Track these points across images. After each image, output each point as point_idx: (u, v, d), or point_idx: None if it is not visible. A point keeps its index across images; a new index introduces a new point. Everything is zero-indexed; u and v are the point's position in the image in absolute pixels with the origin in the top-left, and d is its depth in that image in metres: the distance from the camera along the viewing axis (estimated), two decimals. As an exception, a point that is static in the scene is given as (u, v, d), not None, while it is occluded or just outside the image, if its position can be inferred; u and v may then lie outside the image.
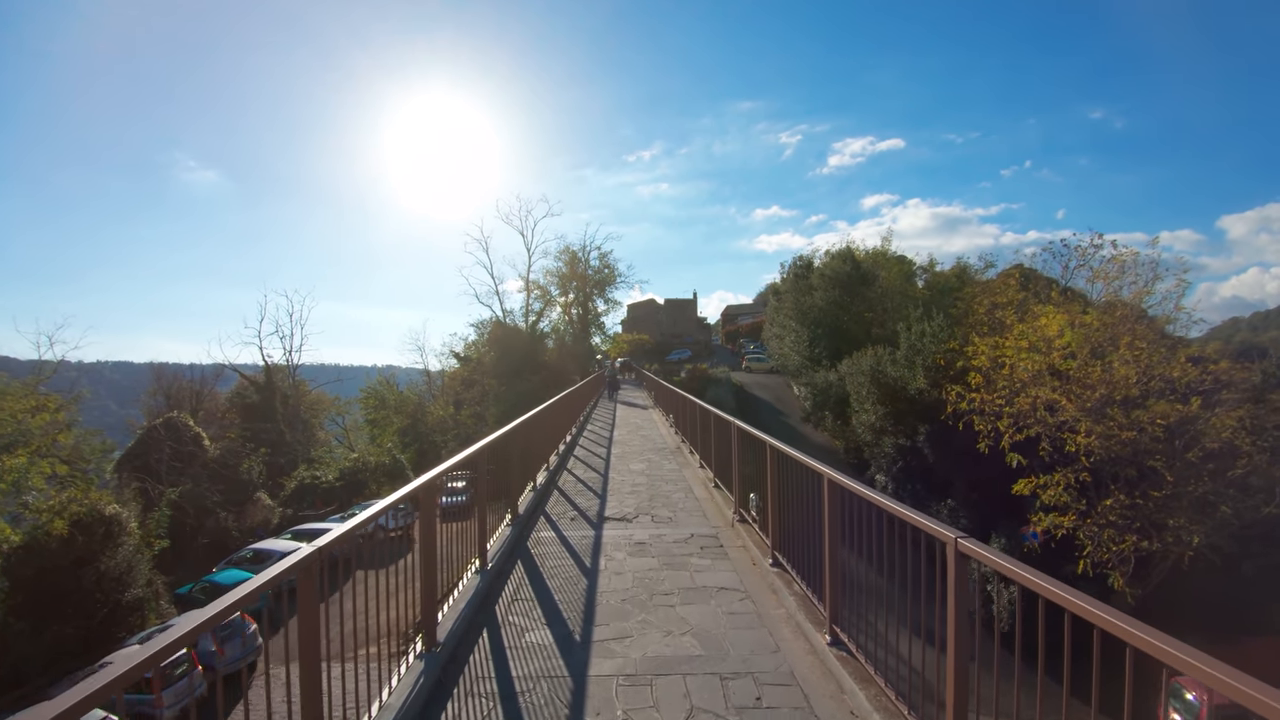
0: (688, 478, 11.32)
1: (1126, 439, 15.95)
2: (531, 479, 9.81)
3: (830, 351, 34.88)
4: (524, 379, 51.13)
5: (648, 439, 16.76)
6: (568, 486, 10.67)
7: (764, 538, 6.71)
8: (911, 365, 23.59)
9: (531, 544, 7.44)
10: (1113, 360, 16.14)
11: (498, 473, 7.64)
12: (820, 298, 35.53)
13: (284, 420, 50.00)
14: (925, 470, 24.16)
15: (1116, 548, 15.26)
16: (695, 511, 8.89)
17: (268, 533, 34.91)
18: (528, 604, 5.68)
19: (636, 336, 75.30)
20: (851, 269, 36.43)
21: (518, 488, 8.50)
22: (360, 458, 43.84)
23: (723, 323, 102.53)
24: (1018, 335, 17.36)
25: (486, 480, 6.36)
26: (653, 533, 7.82)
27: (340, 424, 66.81)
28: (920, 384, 22.85)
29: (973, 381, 18.52)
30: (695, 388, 45.10)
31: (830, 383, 30.63)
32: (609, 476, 11.54)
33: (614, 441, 16.36)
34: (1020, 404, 16.12)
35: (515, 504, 8.02)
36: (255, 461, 40.24)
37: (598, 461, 13.27)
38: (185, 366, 56.94)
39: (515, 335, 56.10)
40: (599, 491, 10.22)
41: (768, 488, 6.40)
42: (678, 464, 12.85)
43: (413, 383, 64.30)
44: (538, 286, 61.14)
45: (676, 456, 13.78)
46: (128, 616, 24.00)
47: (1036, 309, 18.94)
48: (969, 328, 24.17)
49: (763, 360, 60.29)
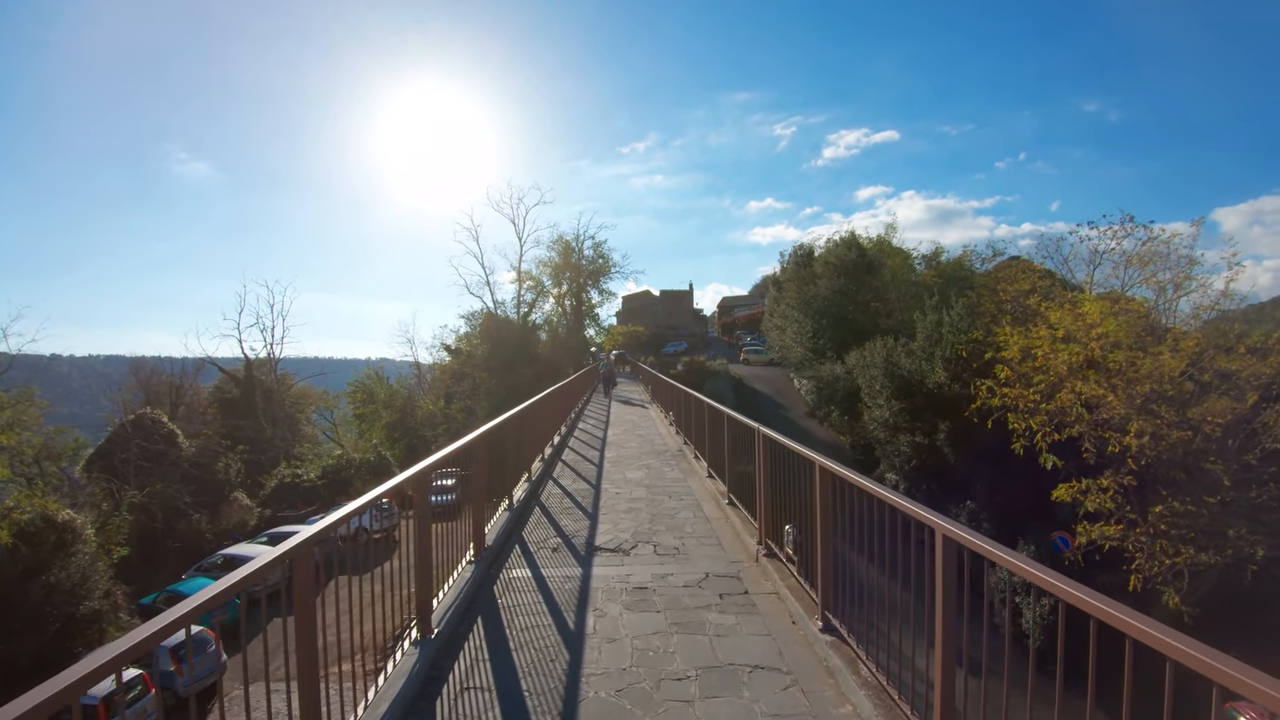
0: (694, 490, 9.61)
1: (1177, 439, 14.33)
2: (507, 495, 8.08)
3: (835, 343, 33.19)
4: (516, 372, 49.44)
5: (646, 440, 15.05)
6: (552, 502, 8.95)
7: (809, 590, 5.00)
8: (929, 357, 21.95)
9: (499, 589, 5.72)
10: (1163, 351, 14.49)
11: (460, 498, 5.94)
12: (824, 286, 33.76)
13: (265, 416, 48.16)
14: (941, 470, 22.54)
15: (1170, 560, 13.65)
16: (707, 538, 7.19)
17: (244, 535, 33.18)
18: (482, 701, 3.96)
19: (631, 328, 73.50)
20: (857, 256, 34.70)
21: (487, 513, 6.78)
22: (344, 455, 42.04)
23: (719, 315, 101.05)
24: (1054, 322, 15.69)
25: (426, 518, 4.62)
26: (656, 571, 6.11)
27: (329, 418, 65.11)
28: (939, 377, 21.21)
29: (1001, 375, 16.86)
30: (693, 381, 43.35)
31: (837, 376, 28.94)
32: (601, 488, 9.82)
33: (608, 443, 14.64)
34: (1062, 399, 14.45)
35: (481, 534, 6.30)
36: (233, 460, 38.43)
37: (589, 468, 11.55)
38: (165, 360, 55.05)
39: (507, 327, 54.30)
40: (589, 509, 8.50)
41: (815, 525, 4.70)
42: (681, 471, 11.14)
43: (403, 376, 62.57)
44: (530, 277, 59.32)
45: (679, 462, 12.08)
46: (85, 630, 22.29)
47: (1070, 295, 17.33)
48: (989, 317, 22.54)
49: (761, 352, 58.72)
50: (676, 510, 8.37)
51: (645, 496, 9.14)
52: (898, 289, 34.83)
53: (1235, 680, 1.60)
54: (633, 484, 10.06)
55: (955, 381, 20.65)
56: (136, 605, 24.50)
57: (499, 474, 7.88)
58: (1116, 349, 14.94)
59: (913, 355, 22.98)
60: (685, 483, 10.14)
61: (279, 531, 28.44)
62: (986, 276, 25.27)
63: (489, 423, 7.27)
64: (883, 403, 23.08)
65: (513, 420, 8.28)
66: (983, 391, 15.98)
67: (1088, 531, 14.14)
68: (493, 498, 7.53)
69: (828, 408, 29.35)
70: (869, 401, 24.17)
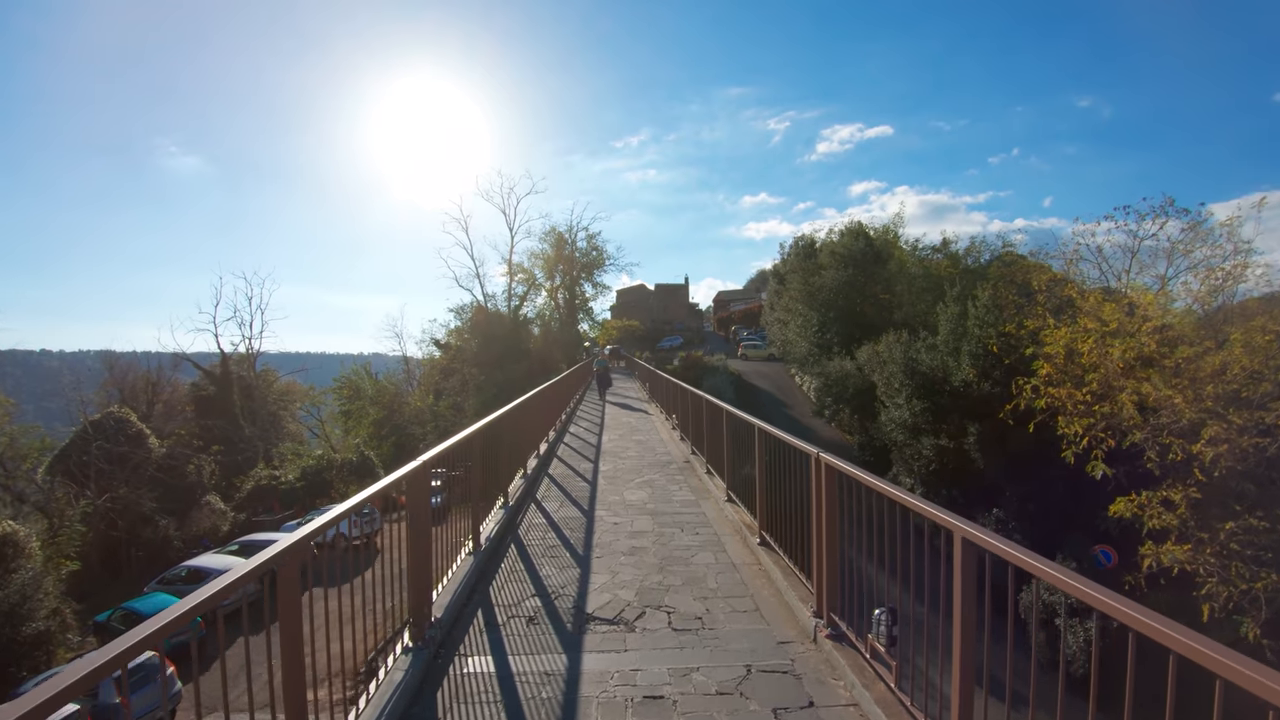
0: (711, 519, 7.74)
1: (1248, 446, 12.57)
2: (471, 535, 6.19)
3: (842, 337, 31.38)
4: (506, 368, 47.59)
5: (646, 447, 13.19)
6: (533, 538, 7.08)
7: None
8: (955, 353, 20.16)
9: (445, 703, 3.84)
10: (1234, 346, 12.71)
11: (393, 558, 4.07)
12: (831, 277, 31.85)
13: (245, 414, 46.09)
14: (962, 475, 20.74)
15: (1247, 585, 11.89)
16: (738, 597, 5.32)
17: (215, 542, 31.20)
18: None
19: (626, 323, 71.78)
20: (865, 245, 32.87)
21: (442, 563, 4.92)
22: (325, 455, 40.04)
23: (714, 309, 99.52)
24: (1107, 313, 13.89)
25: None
26: (674, 661, 4.25)
27: (317, 415, 63.18)
28: (966, 375, 19.42)
29: (1041, 372, 15.06)
30: (691, 377, 41.49)
31: (847, 372, 27.10)
32: (595, 516, 7.94)
33: (603, 452, 12.76)
34: (1123, 401, 12.63)
35: (425, 602, 4.40)
36: (206, 461, 36.38)
37: (580, 487, 9.66)
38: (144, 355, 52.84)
39: (497, 321, 52.33)
40: (579, 550, 6.62)
41: (954, 629, 2.86)
42: (692, 491, 9.28)
43: (392, 371, 60.70)
44: (522, 270, 57.35)
45: (688, 477, 10.22)
46: (31, 653, 20.34)
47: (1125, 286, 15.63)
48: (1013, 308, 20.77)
49: (760, 347, 57.07)
50: (693, 551, 6.51)
51: (651, 529, 7.28)
52: (907, 280, 33.06)
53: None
54: (634, 509, 8.19)
55: (985, 380, 18.87)
56: (90, 624, 22.58)
57: (463, 508, 6.02)
58: (1178, 344, 13.16)
59: (935, 351, 21.18)
60: (698, 507, 8.28)
61: (250, 540, 26.46)
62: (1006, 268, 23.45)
63: (449, 439, 5.45)
64: (902, 402, 21.26)
65: (483, 433, 6.42)
66: (1027, 391, 14.15)
67: (1156, 553, 12.33)
68: (454, 541, 5.66)
69: (837, 406, 27.52)
70: (886, 401, 22.36)
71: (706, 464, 9.96)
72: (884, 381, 22.52)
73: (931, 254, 36.10)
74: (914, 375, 21.12)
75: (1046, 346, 14.64)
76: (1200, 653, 1.66)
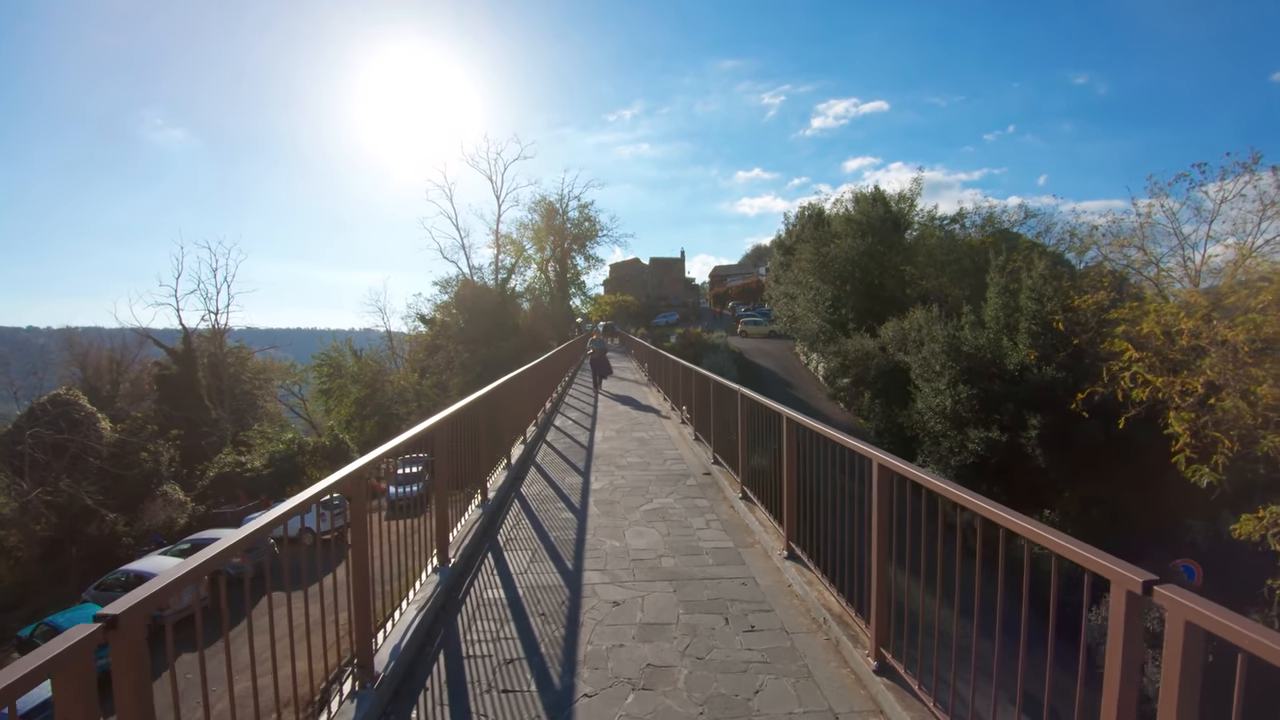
0: (765, 590, 4.93)
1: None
2: (369, 656, 3.37)
3: (859, 313, 28.57)
4: (492, 345, 44.72)
5: (651, 449, 10.38)
6: (481, 634, 4.25)
7: None
8: (1011, 331, 17.35)
9: None
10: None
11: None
12: (849, 246, 28.80)
13: (212, 395, 43.09)
14: (1007, 470, 18.06)
15: None
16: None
17: (170, 537, 28.41)
18: None
19: (620, 298, 68.80)
20: (884, 212, 29.89)
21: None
22: (296, 439, 37.12)
23: (711, 285, 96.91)
24: (1224, 290, 11.16)
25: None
26: None
27: (298, 393, 60.38)
28: (1024, 357, 16.64)
29: (1124, 356, 12.31)
30: (690, 355, 38.63)
31: (868, 351, 24.26)
32: (582, 586, 5.10)
33: (595, 457, 9.91)
34: (1263, 394, 9.87)
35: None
36: (164, 447, 33.44)
37: (562, 523, 6.77)
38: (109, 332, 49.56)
39: (483, 295, 49.26)
40: (556, 680, 3.80)
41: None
42: (724, 528, 6.48)
43: (374, 348, 57.75)
44: (510, 241, 54.15)
45: (714, 501, 7.44)
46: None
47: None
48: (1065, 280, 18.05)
49: (760, 324, 54.47)
50: (754, 674, 3.71)
51: (674, 616, 4.47)
52: (927, 251, 30.17)
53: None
54: (643, 569, 5.37)
55: (1046, 363, 16.14)
56: (15, 639, 19.86)
57: (363, 600, 3.23)
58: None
59: (982, 329, 18.36)
60: (741, 564, 5.48)
61: (200, 538, 23.70)
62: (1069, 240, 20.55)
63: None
64: (943, 387, 18.42)
65: (415, 444, 3.64)
66: (1125, 380, 11.35)
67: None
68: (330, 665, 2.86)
69: (857, 389, 24.70)
70: (921, 385, 19.55)
71: (742, 486, 7.16)
72: (920, 363, 19.68)
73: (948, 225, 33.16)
74: (959, 357, 18.28)
75: (1142, 326, 11.85)
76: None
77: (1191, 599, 1.68)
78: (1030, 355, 16.70)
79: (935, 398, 18.67)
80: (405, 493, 4.68)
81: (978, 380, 17.76)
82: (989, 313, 18.74)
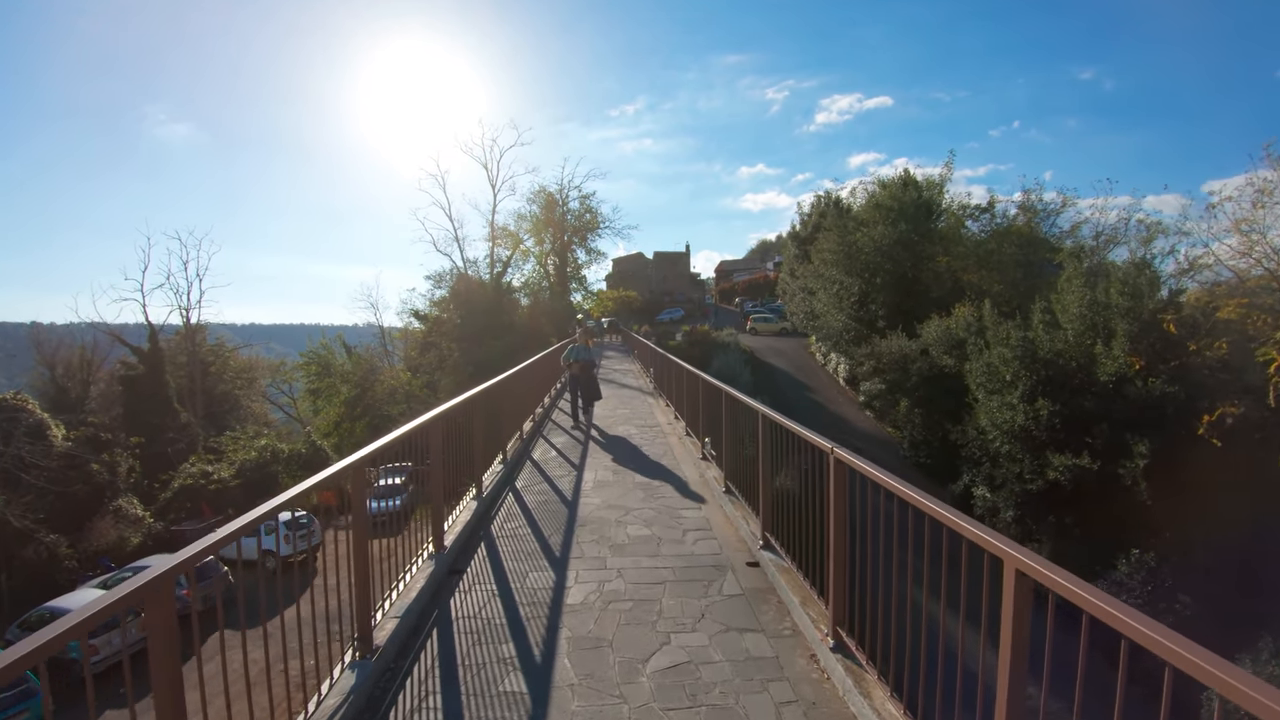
0: None
1: None
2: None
3: (889, 309, 25.38)
4: (485, 343, 41.68)
5: (660, 507, 7.29)
6: None
7: None
8: (1105, 333, 14.16)
9: None
10: None
11: None
12: (880, 234, 25.51)
13: (183, 396, 40.13)
14: (1081, 499, 14.91)
15: None
16: None
17: (119, 560, 25.48)
18: None
19: (623, 293, 65.65)
20: (916, 197, 26.66)
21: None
22: (269, 445, 34.09)
23: (716, 280, 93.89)
24: None
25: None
26: None
27: (289, 393, 57.69)
28: (1122, 366, 13.46)
29: (1271, 366, 9.19)
30: (698, 354, 35.52)
31: (907, 354, 21.03)
32: None
33: (578, 533, 6.81)
34: None
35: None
36: (121, 457, 30.47)
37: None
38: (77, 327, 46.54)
39: (478, 290, 46.19)
40: None
41: None
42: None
43: (367, 344, 54.94)
44: (506, 232, 51.05)
45: (777, 635, 4.34)
46: None
47: None
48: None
49: (770, 321, 51.48)
50: None
51: None
52: (970, 240, 26.93)
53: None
54: None
55: (1153, 375, 13.02)
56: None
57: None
58: None
59: (1058, 330, 15.13)
60: None
61: (140, 566, 20.76)
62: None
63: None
64: (1016, 401, 15.22)
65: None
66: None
67: None
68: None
69: (893, 395, 21.47)
70: (985, 398, 16.32)
71: (833, 625, 4.01)
72: (984, 370, 16.44)
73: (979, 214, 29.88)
74: (1034, 364, 15.04)
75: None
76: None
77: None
78: (1134, 364, 13.54)
79: (1004, 413, 15.46)
80: (386, 507, 4.54)
81: (1060, 393, 14.57)
82: (1070, 309, 15.47)
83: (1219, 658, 1.49)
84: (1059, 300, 16.35)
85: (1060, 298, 16.29)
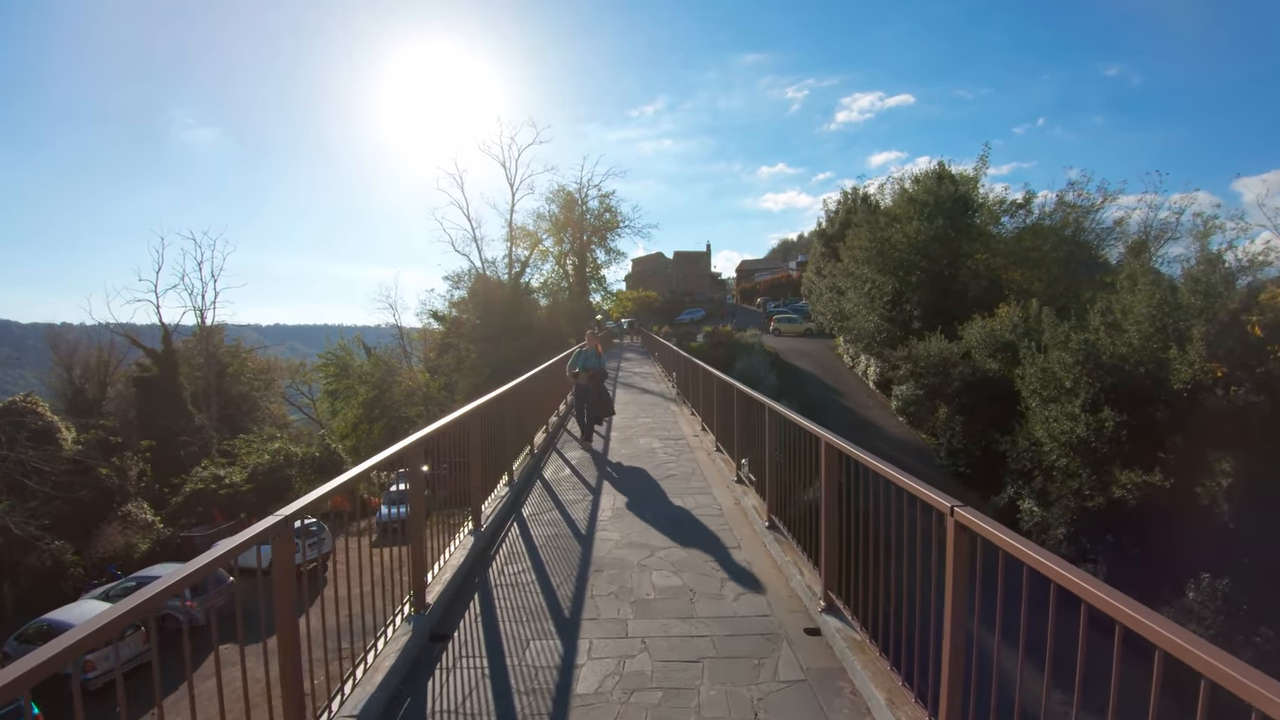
0: None
1: None
2: None
3: (925, 309, 23.98)
4: (504, 344, 40.83)
5: (695, 549, 6.18)
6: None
7: None
8: (1177, 336, 12.75)
9: None
10: None
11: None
12: (915, 230, 24.10)
13: (198, 398, 39.71)
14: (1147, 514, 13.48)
15: None
16: None
17: (127, 568, 24.87)
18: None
19: (643, 294, 64.59)
20: (953, 191, 25.22)
21: None
22: (282, 449, 33.42)
23: (738, 280, 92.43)
24: None
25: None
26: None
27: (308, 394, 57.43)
28: (1198, 372, 12.02)
29: None
30: (721, 357, 34.30)
31: (948, 357, 19.61)
32: None
33: (591, 584, 5.73)
34: None
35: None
36: (132, 461, 29.94)
37: None
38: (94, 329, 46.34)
39: (496, 290, 45.37)
40: None
41: None
42: None
43: (386, 345, 54.53)
44: (525, 232, 50.18)
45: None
46: None
47: None
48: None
49: (795, 321, 50.11)
50: None
51: None
52: (1001, 240, 25.52)
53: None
54: None
55: (1236, 384, 11.64)
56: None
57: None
58: None
59: (1122, 334, 13.70)
60: None
61: (144, 575, 20.05)
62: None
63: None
64: (1077, 411, 13.83)
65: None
66: None
67: None
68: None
69: (932, 401, 20.09)
70: (1039, 407, 14.92)
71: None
72: (1039, 376, 15.03)
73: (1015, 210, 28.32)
74: (1098, 371, 13.62)
75: None
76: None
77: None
78: (1216, 371, 12.13)
79: (1063, 423, 14.07)
80: (398, 514, 4.42)
81: (1127, 402, 13.14)
82: (1134, 309, 13.97)
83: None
84: (1119, 300, 14.94)
85: (1121, 297, 14.89)
